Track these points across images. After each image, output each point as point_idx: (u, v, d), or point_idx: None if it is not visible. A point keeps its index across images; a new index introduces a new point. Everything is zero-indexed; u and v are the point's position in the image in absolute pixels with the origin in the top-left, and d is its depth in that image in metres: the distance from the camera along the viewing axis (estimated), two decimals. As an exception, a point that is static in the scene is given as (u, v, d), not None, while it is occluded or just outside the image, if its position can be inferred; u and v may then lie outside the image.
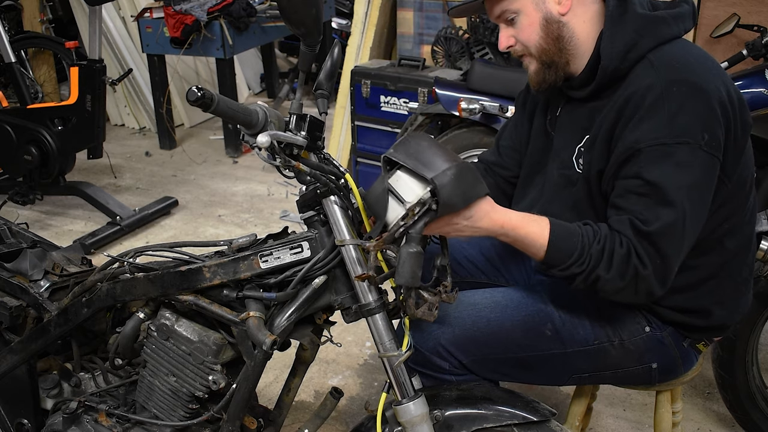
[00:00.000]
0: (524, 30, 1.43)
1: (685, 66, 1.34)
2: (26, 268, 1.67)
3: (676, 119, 1.29)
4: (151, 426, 1.50)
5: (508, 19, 1.45)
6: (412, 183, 1.20)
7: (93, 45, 3.52)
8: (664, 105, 1.29)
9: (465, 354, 1.48)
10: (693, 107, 1.30)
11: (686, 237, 1.31)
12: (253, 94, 6.35)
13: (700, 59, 1.38)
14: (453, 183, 1.17)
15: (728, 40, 3.06)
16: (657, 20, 1.39)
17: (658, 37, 1.38)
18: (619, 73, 1.39)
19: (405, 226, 1.18)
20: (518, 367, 1.50)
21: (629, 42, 1.37)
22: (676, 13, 1.41)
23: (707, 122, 1.30)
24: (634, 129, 1.32)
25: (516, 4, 1.42)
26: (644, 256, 1.28)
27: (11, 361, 1.62)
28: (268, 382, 2.46)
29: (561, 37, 1.42)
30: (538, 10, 1.41)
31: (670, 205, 1.28)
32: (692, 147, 1.28)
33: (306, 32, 1.21)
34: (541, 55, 1.44)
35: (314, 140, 1.30)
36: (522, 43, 1.45)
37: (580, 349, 1.49)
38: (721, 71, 1.40)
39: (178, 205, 4.05)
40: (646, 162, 1.29)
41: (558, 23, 1.41)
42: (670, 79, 1.31)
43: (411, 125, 3.18)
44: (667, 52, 1.37)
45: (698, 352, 1.58)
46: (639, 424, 2.28)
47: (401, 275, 1.16)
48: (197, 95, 1.12)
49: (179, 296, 1.37)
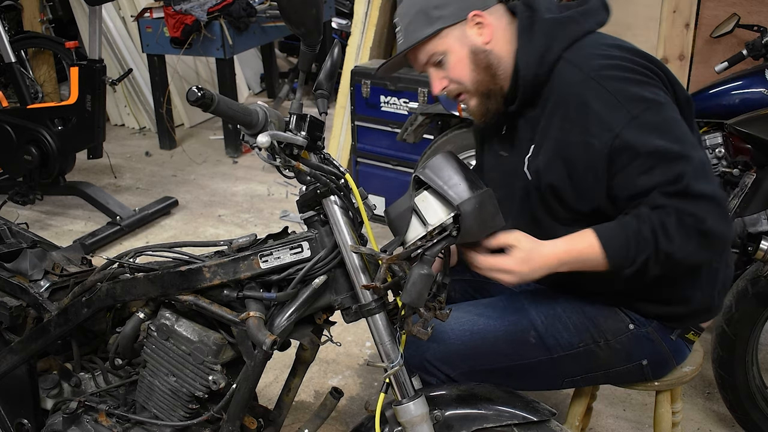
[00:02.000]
0: (455, 67, 1.46)
1: (602, 53, 1.39)
2: (26, 268, 1.67)
3: (625, 94, 1.32)
4: (151, 426, 1.50)
5: (435, 63, 1.47)
6: (437, 206, 1.22)
7: (93, 45, 3.52)
8: (606, 90, 1.33)
9: (452, 368, 1.49)
10: (631, 79, 1.35)
11: (710, 173, 1.31)
12: (253, 94, 6.35)
13: (615, 42, 1.44)
14: (476, 212, 1.20)
15: (728, 40, 3.06)
16: (565, 21, 1.43)
17: (569, 36, 1.41)
18: (541, 79, 1.42)
19: (423, 247, 1.21)
20: (508, 376, 1.51)
21: (542, 47, 1.41)
22: (584, 10, 1.46)
23: (649, 84, 1.35)
24: (596, 125, 1.33)
25: (441, 46, 1.45)
26: (696, 211, 1.27)
27: (11, 361, 1.62)
28: (268, 382, 2.46)
29: (491, 65, 1.45)
30: (463, 45, 1.44)
31: (680, 158, 1.28)
32: (655, 106, 1.32)
33: (306, 32, 1.21)
34: (477, 87, 1.47)
35: (314, 140, 1.30)
36: (456, 82, 1.48)
37: (567, 354, 1.50)
38: (631, 45, 1.46)
39: (178, 205, 4.06)
40: (632, 140, 1.31)
41: (484, 52, 1.45)
42: (595, 68, 1.36)
43: (411, 125, 3.18)
44: (582, 47, 1.41)
45: (689, 343, 1.58)
46: (639, 424, 2.28)
47: (408, 294, 1.18)
48: (197, 95, 1.11)
49: (179, 296, 1.37)
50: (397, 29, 1.49)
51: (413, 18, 1.44)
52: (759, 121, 2.26)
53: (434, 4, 1.43)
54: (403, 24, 1.47)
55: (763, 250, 1.99)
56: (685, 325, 1.54)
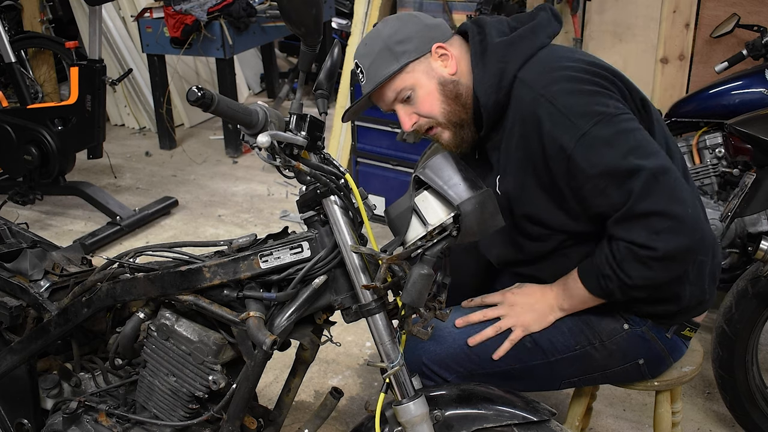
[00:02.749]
0: (424, 101, 1.45)
1: (552, 66, 1.39)
2: (26, 268, 1.67)
3: (574, 110, 1.32)
4: (151, 426, 1.50)
5: (403, 99, 1.46)
6: (437, 206, 1.22)
7: (93, 45, 3.52)
8: (555, 107, 1.33)
9: (449, 371, 1.50)
10: (580, 91, 1.34)
11: (668, 183, 1.28)
12: (253, 94, 6.35)
13: (566, 54, 1.43)
14: (476, 212, 1.20)
15: (728, 40, 3.06)
16: (515, 41, 1.43)
17: (521, 56, 1.41)
18: (501, 103, 1.42)
19: (423, 247, 1.21)
20: (505, 379, 1.51)
21: (496, 72, 1.41)
22: (533, 26, 1.45)
23: (600, 95, 1.34)
24: (551, 145, 1.34)
25: (408, 81, 1.44)
26: (645, 240, 1.27)
27: (11, 361, 1.62)
28: (268, 382, 2.46)
29: (459, 94, 1.46)
30: (431, 77, 1.44)
31: (630, 173, 1.28)
32: (606, 120, 1.31)
33: (306, 32, 1.21)
34: (449, 118, 1.46)
35: (314, 140, 1.30)
36: (426, 116, 1.47)
37: (563, 357, 1.50)
38: (583, 54, 1.46)
39: (178, 205, 4.06)
40: (582, 161, 1.31)
41: (453, 83, 1.45)
42: (544, 84, 1.36)
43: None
44: (533, 64, 1.41)
45: (686, 339, 1.59)
46: (639, 424, 2.28)
47: (409, 294, 1.18)
48: (197, 95, 1.11)
49: (179, 296, 1.37)
50: (358, 70, 1.48)
51: (376, 57, 1.44)
52: (759, 121, 2.26)
53: (396, 39, 1.43)
54: (364, 65, 1.46)
55: (763, 250, 1.99)
56: (679, 322, 1.54)
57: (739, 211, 2.30)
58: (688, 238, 1.28)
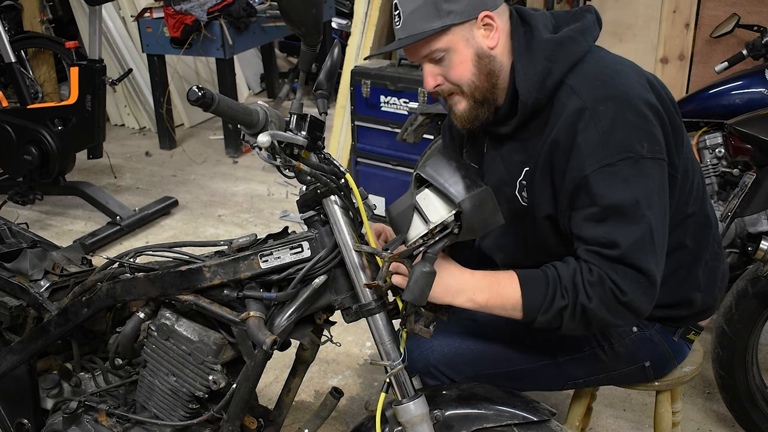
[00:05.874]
0: (455, 68, 1.36)
1: (605, 80, 1.32)
2: (26, 268, 1.67)
3: (611, 137, 1.27)
4: (151, 426, 1.50)
5: (435, 59, 1.37)
6: (438, 203, 1.22)
7: (93, 45, 3.52)
8: (596, 126, 1.27)
9: (456, 372, 1.49)
10: (624, 120, 1.28)
11: (658, 246, 1.28)
12: (253, 94, 6.35)
13: (617, 66, 1.36)
14: (477, 209, 1.19)
15: (728, 40, 3.06)
16: (565, 42, 1.35)
17: (570, 58, 1.34)
18: (541, 104, 1.36)
19: (425, 245, 1.21)
20: (511, 379, 1.51)
21: (543, 71, 1.34)
22: (582, 28, 1.38)
23: (642, 130, 1.28)
24: (574, 158, 1.29)
25: (445, 43, 1.34)
26: (620, 281, 1.25)
27: (11, 361, 1.61)
28: (268, 382, 2.46)
29: (492, 72, 1.37)
30: (469, 46, 1.35)
31: (633, 222, 1.25)
32: (635, 159, 1.26)
33: (306, 32, 1.21)
34: (474, 92, 1.38)
35: (314, 140, 1.30)
36: (453, 82, 1.38)
37: (571, 358, 1.50)
38: (639, 70, 1.38)
39: (178, 205, 4.05)
40: (595, 187, 1.27)
41: (489, 58, 1.36)
42: (594, 99, 1.29)
43: (411, 125, 3.18)
44: (584, 72, 1.34)
45: (689, 342, 1.59)
46: (639, 424, 2.28)
47: (411, 292, 1.18)
48: (198, 95, 1.12)
49: (179, 296, 1.37)
50: (396, 12, 1.36)
51: (420, 6, 1.32)
52: (759, 121, 2.26)
53: None
54: (405, 9, 1.34)
55: (763, 250, 1.99)
56: (687, 325, 1.55)
57: (739, 211, 2.30)
58: (648, 305, 1.28)
